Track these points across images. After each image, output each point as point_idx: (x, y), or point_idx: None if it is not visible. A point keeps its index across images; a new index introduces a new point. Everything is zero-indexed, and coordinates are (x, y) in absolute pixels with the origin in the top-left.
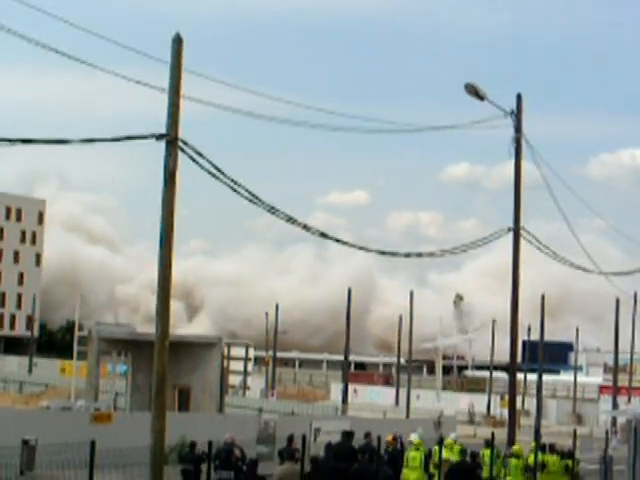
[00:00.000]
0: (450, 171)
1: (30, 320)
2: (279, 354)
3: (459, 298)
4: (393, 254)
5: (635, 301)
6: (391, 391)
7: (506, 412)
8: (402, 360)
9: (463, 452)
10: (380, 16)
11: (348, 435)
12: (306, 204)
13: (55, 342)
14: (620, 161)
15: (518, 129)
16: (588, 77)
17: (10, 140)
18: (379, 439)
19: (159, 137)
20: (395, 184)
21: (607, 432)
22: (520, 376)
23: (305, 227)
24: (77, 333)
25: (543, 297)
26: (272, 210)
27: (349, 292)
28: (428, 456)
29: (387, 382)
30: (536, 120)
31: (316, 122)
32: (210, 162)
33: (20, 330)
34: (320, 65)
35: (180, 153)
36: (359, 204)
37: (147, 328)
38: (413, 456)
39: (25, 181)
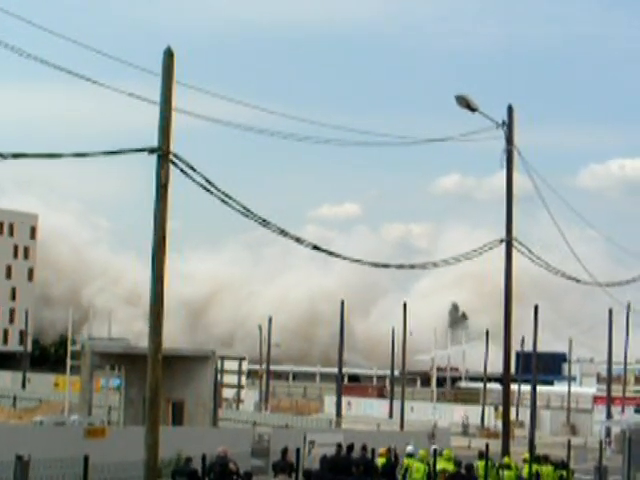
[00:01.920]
0: (441, 183)
1: (23, 335)
2: (273, 367)
3: (455, 308)
4: (385, 266)
5: (628, 311)
6: (385, 403)
7: (500, 423)
8: (396, 372)
9: (458, 464)
10: (371, 29)
11: (340, 447)
12: (297, 217)
13: (48, 357)
14: (609, 171)
15: (509, 140)
16: (577, 88)
17: (2, 155)
18: (373, 452)
19: (151, 151)
20: (386, 196)
21: (601, 442)
22: (514, 387)
23: (298, 240)
24: (70, 348)
25: (536, 308)
26: (264, 223)
27: (342, 305)
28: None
29: (381, 394)
30: (526, 131)
31: (307, 134)
32: (202, 176)
33: (13, 345)
34: (311, 77)
35: (173, 167)
36: (350, 216)
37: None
38: (417, 467)
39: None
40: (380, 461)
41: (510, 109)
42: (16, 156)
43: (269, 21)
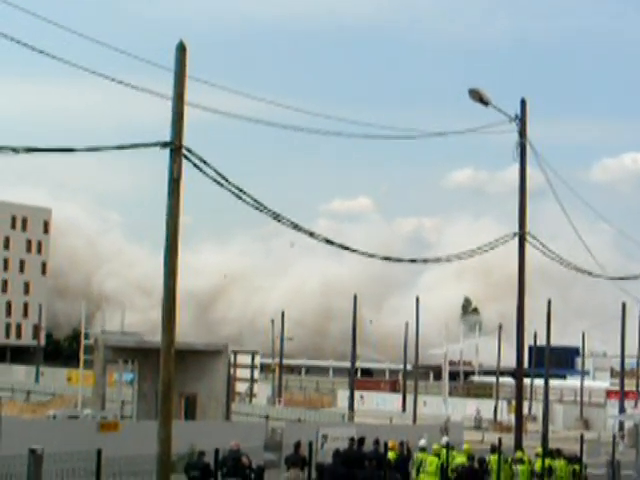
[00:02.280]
0: (454, 176)
1: (37, 329)
2: (285, 361)
3: (468, 302)
4: (398, 260)
5: None
6: (398, 397)
7: (513, 417)
8: (408, 366)
9: (471, 458)
10: (383, 22)
11: (355, 441)
12: (309, 211)
13: (61, 351)
14: (622, 165)
15: (522, 134)
16: (590, 81)
17: (14, 149)
18: (386, 445)
19: (164, 145)
20: (399, 190)
21: (614, 437)
22: (527, 381)
23: (311, 234)
24: (83, 342)
25: (549, 302)
26: (277, 217)
27: (355, 299)
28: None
29: (394, 388)
30: (539, 125)
31: (320, 128)
32: (215, 170)
33: (27, 339)
34: (323, 71)
35: (185, 160)
36: (363, 210)
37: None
38: (430, 461)
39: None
40: (390, 455)
41: (523, 103)
42: (29, 150)
43: (282, 14)
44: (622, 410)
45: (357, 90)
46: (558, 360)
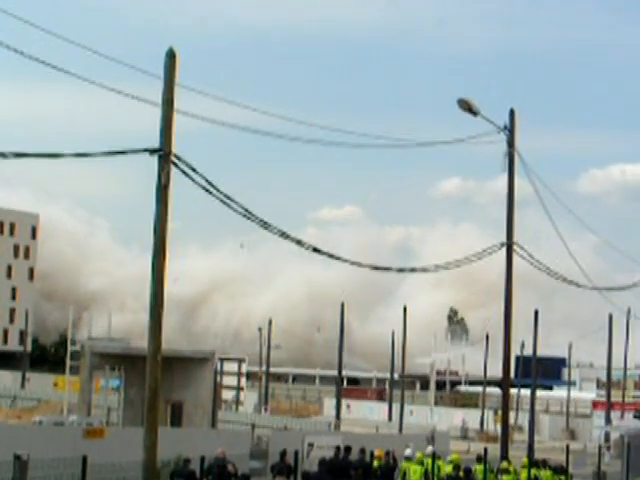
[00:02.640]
0: (442, 186)
1: (23, 335)
2: (272, 369)
3: (454, 312)
4: (386, 269)
5: (628, 316)
6: (384, 406)
7: (499, 427)
8: (395, 375)
9: (456, 467)
10: (373, 32)
11: (341, 450)
12: (297, 219)
13: (48, 357)
14: (610, 176)
15: (511, 144)
16: (579, 93)
17: (3, 154)
18: (372, 454)
19: (152, 152)
20: (387, 199)
21: (600, 448)
22: (513, 391)
23: (299, 242)
24: (70, 348)
25: (536, 312)
26: (265, 225)
27: (342, 307)
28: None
29: (380, 397)
30: (528, 135)
31: (308, 137)
32: (203, 177)
33: (13, 345)
34: (313, 80)
35: (174, 168)
36: (351, 219)
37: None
38: (414, 469)
39: None
40: (376, 464)
41: (512, 113)
42: (18, 155)
43: (272, 23)
44: (608, 421)
45: (346, 99)
46: (544, 370)
